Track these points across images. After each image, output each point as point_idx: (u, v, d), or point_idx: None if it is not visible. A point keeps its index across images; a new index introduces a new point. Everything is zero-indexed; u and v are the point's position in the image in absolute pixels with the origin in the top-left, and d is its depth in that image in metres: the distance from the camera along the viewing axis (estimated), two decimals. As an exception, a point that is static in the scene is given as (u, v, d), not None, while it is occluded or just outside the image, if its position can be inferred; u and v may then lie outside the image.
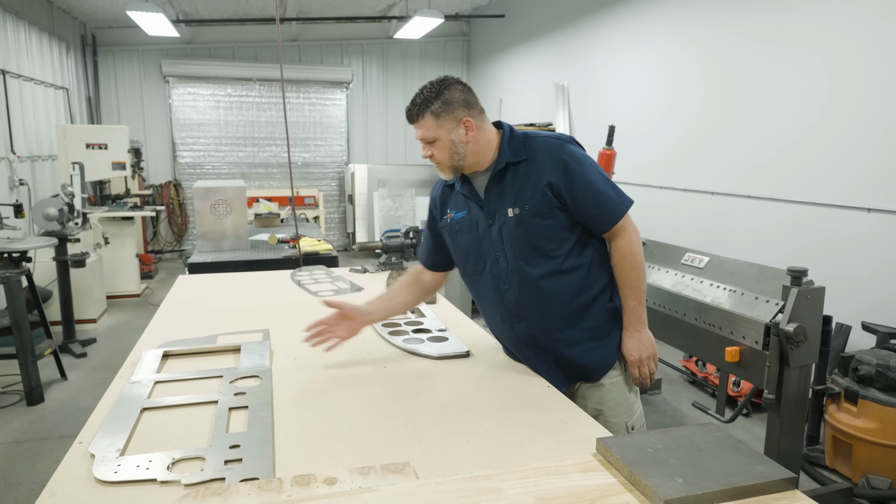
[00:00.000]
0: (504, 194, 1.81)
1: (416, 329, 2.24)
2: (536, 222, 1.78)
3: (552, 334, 1.84)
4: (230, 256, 3.93)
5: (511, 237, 1.80)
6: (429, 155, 1.81)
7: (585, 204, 1.76)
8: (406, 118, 1.83)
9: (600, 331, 1.86)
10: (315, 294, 2.86)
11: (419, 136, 1.80)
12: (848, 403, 2.99)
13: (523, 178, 1.79)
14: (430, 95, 1.75)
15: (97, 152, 6.29)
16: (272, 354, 2.01)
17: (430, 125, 1.76)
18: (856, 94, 3.50)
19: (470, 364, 1.94)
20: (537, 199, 1.76)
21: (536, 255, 1.80)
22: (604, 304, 1.85)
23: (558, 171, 1.75)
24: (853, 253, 3.51)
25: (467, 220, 1.90)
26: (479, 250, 1.89)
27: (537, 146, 1.81)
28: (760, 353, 2.57)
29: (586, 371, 1.88)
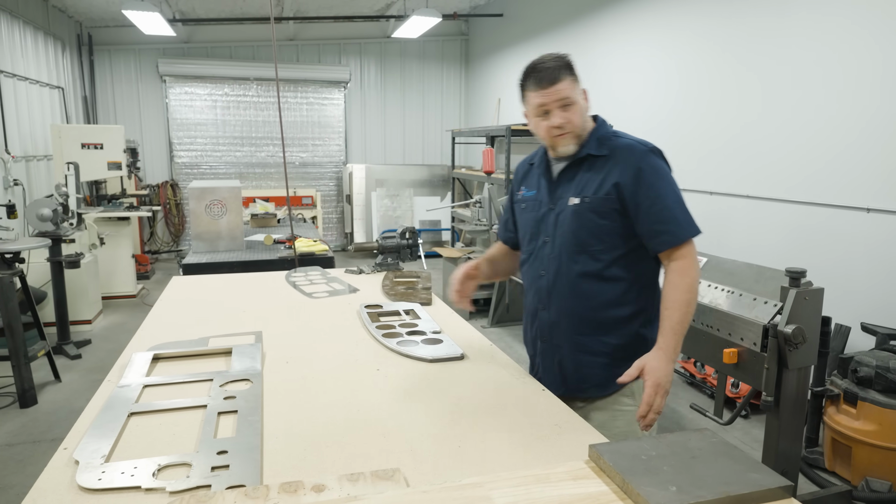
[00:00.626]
0: (573, 183, 1.80)
1: (410, 331, 2.22)
2: (592, 218, 1.75)
3: (571, 335, 1.82)
4: (225, 257, 3.90)
5: (564, 226, 1.79)
6: (560, 123, 1.72)
7: (647, 215, 1.70)
8: (535, 83, 1.72)
9: (621, 352, 1.78)
10: (309, 296, 2.83)
11: (559, 97, 1.71)
12: (847, 405, 2.96)
13: (596, 172, 1.77)
14: (565, 59, 1.72)
15: (92, 152, 6.26)
16: (264, 357, 1.98)
17: (571, 86, 1.72)
18: (856, 94, 3.48)
19: (464, 367, 1.91)
20: (600, 196, 1.74)
21: (581, 251, 1.77)
22: (635, 328, 1.79)
23: (629, 175, 1.71)
24: (852, 253, 3.49)
25: (534, 199, 1.91)
26: (535, 231, 1.88)
27: (621, 146, 1.77)
28: (759, 355, 2.54)
29: (588, 384, 1.83)
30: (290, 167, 9.59)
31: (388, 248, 3.44)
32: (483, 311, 6.02)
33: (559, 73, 1.71)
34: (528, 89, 1.76)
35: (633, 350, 1.76)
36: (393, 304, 2.61)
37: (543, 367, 1.91)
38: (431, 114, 10.11)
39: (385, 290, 2.89)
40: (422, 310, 2.52)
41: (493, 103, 8.92)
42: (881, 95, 3.34)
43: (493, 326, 5.71)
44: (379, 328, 2.25)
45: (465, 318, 5.72)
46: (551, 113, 1.74)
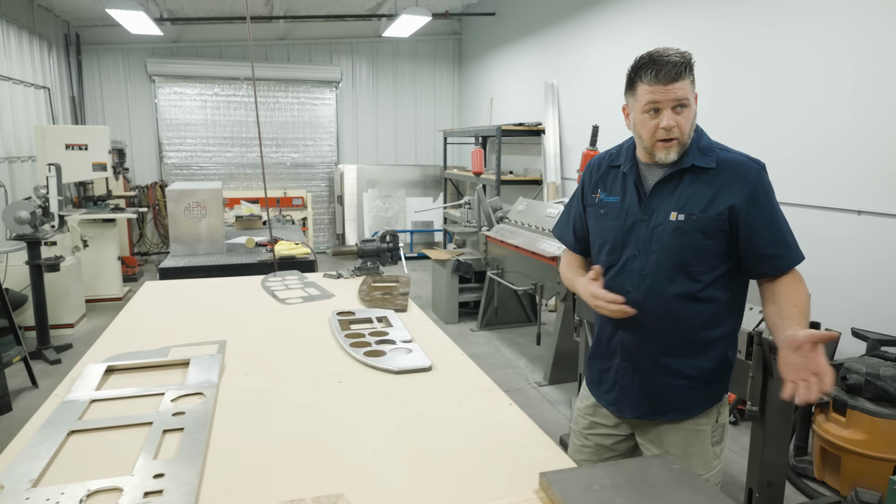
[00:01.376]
0: (674, 196, 1.65)
1: (380, 340, 2.14)
2: (697, 237, 1.61)
3: (658, 356, 1.70)
4: (204, 261, 3.82)
5: (662, 241, 1.64)
6: (672, 125, 1.57)
7: (759, 238, 1.60)
8: (653, 77, 1.55)
9: (707, 376, 1.70)
10: (283, 301, 2.75)
11: (673, 97, 1.55)
12: (836, 414, 2.89)
13: (702, 186, 1.62)
14: (685, 57, 1.56)
15: (77, 153, 6.17)
16: (224, 368, 1.90)
17: (689, 87, 1.57)
18: (847, 95, 3.40)
19: (431, 379, 1.83)
20: (711, 215, 1.60)
21: (680, 271, 1.64)
22: (723, 350, 1.70)
23: (745, 196, 1.59)
24: (843, 257, 3.41)
25: (617, 207, 1.74)
26: (620, 241, 1.72)
27: (730, 161, 1.64)
28: (744, 363, 2.46)
29: (669, 407, 1.73)
30: (281, 168, 9.51)
31: (367, 252, 3.35)
32: (472, 314, 5.94)
33: (682, 71, 1.55)
34: (643, 81, 1.58)
35: (719, 374, 1.71)
36: (366, 311, 2.53)
37: (622, 386, 1.78)
38: (424, 114, 10.03)
39: (361, 295, 2.81)
40: (396, 317, 2.44)
41: (486, 103, 8.84)
42: (874, 97, 3.26)
43: (482, 329, 5.63)
44: (348, 337, 2.17)
45: (454, 321, 5.68)
46: (662, 113, 1.58)
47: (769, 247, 1.60)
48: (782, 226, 1.63)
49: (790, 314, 1.53)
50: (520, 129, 6.87)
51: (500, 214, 5.55)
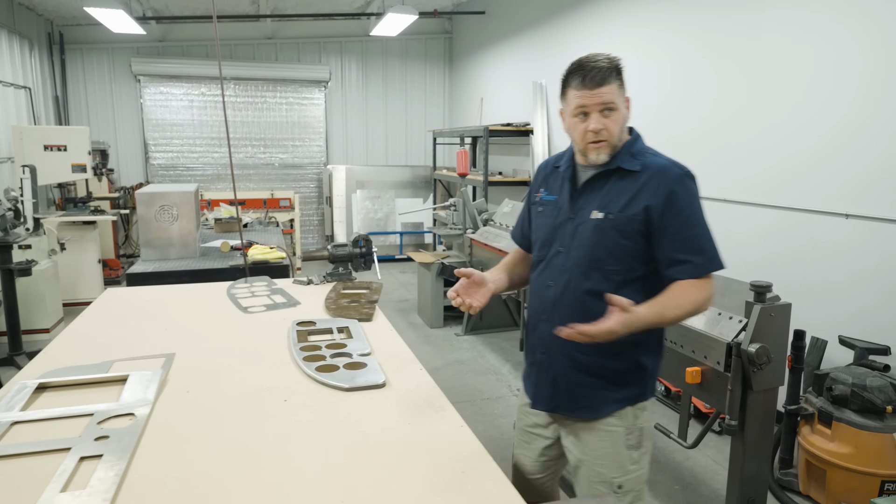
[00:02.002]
0: (598, 195, 1.70)
1: (336, 353, 2.03)
2: (613, 236, 1.65)
3: (570, 352, 1.72)
4: (175, 266, 3.70)
5: (581, 239, 1.70)
6: (599, 127, 1.63)
7: (672, 242, 1.62)
8: (580, 82, 1.63)
9: (619, 377, 1.73)
10: (245, 310, 2.64)
11: (599, 101, 1.62)
12: (822, 425, 2.78)
13: (624, 187, 1.67)
14: (616, 62, 1.64)
15: (56, 154, 6.05)
16: (164, 385, 1.79)
17: (616, 91, 1.63)
18: (835, 95, 3.29)
19: (383, 396, 1.72)
20: (626, 215, 1.64)
21: (595, 269, 1.68)
22: (635, 356, 1.72)
23: (661, 197, 1.62)
24: (830, 262, 3.31)
25: (553, 205, 1.81)
26: (550, 238, 1.78)
27: (654, 165, 1.67)
28: (722, 375, 2.36)
29: (579, 404, 1.76)
30: (269, 169, 9.39)
31: (339, 258, 3.24)
32: (458, 318, 5.83)
33: (608, 76, 1.62)
34: (571, 86, 1.66)
35: (632, 377, 1.73)
36: (329, 321, 2.42)
37: (537, 379, 1.84)
38: (415, 114, 9.92)
39: (327, 303, 2.70)
40: (358, 327, 2.33)
41: (477, 103, 8.73)
42: (863, 98, 3.15)
43: (468, 334, 5.52)
44: (303, 349, 2.06)
45: (439, 326, 5.55)
46: (590, 116, 1.64)
47: (681, 251, 1.61)
48: (699, 231, 1.63)
49: (659, 301, 1.59)
50: (508, 130, 6.76)
51: (486, 216, 5.44)
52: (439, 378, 4.50)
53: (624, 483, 1.75)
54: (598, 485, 1.76)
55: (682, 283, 1.61)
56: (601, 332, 1.49)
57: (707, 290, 1.62)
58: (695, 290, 1.61)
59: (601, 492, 1.75)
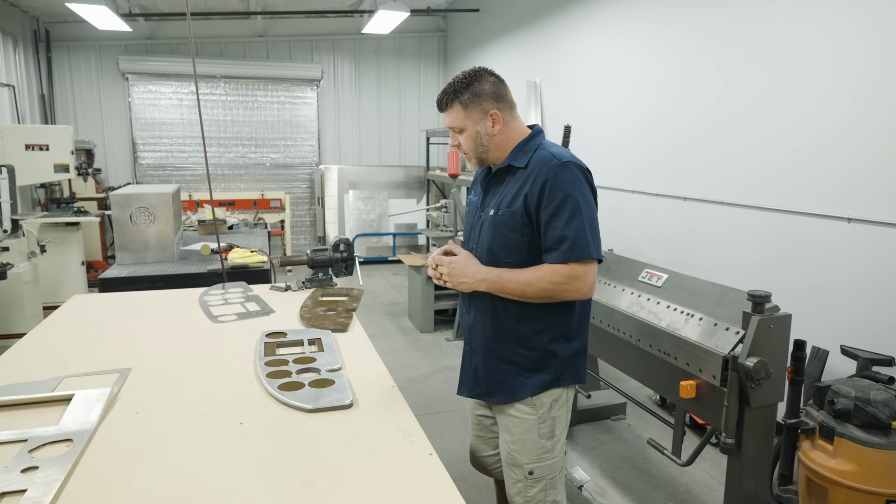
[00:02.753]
0: (497, 192, 1.85)
1: (303, 369, 1.89)
2: (503, 231, 1.79)
3: (485, 341, 1.88)
4: (150, 270, 3.56)
5: (482, 235, 1.86)
6: (455, 144, 1.86)
7: (546, 228, 1.70)
8: (436, 106, 1.87)
9: (530, 364, 1.84)
10: (215, 319, 2.50)
11: (447, 125, 1.85)
12: (823, 441, 2.63)
13: (514, 183, 1.79)
14: (460, 86, 1.78)
15: (37, 154, 5.89)
16: (113, 404, 1.65)
17: (458, 115, 1.80)
18: (838, 94, 3.15)
19: (348, 419, 1.58)
20: (511, 209, 1.76)
21: (493, 262, 1.80)
22: (543, 343, 1.82)
23: (536, 187, 1.71)
24: (832, 267, 3.17)
25: (474, 206, 1.98)
26: (468, 235, 1.97)
27: (538, 158, 1.77)
28: (718, 390, 2.22)
29: (496, 390, 1.89)
30: (260, 169, 9.24)
31: (319, 263, 3.11)
32: (449, 323, 5.69)
33: (449, 102, 1.81)
34: None
35: (542, 363, 1.83)
36: (301, 331, 2.28)
37: (462, 367, 2.02)
38: (408, 113, 9.77)
39: (302, 312, 2.55)
40: (331, 338, 2.19)
41: (471, 102, 8.58)
42: (865, 97, 3.01)
43: (458, 339, 5.38)
44: (269, 364, 1.92)
45: (430, 330, 5.40)
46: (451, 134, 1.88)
47: (550, 240, 1.70)
48: (568, 219, 1.67)
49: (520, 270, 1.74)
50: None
51: (478, 218, 5.30)
52: (428, 386, 4.37)
53: (535, 470, 1.86)
54: (512, 468, 1.90)
55: (543, 266, 1.71)
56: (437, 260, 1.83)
57: (562, 276, 1.67)
58: (549, 272, 1.68)
59: (515, 476, 1.89)
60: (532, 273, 1.71)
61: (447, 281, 1.82)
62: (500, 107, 1.80)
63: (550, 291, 1.69)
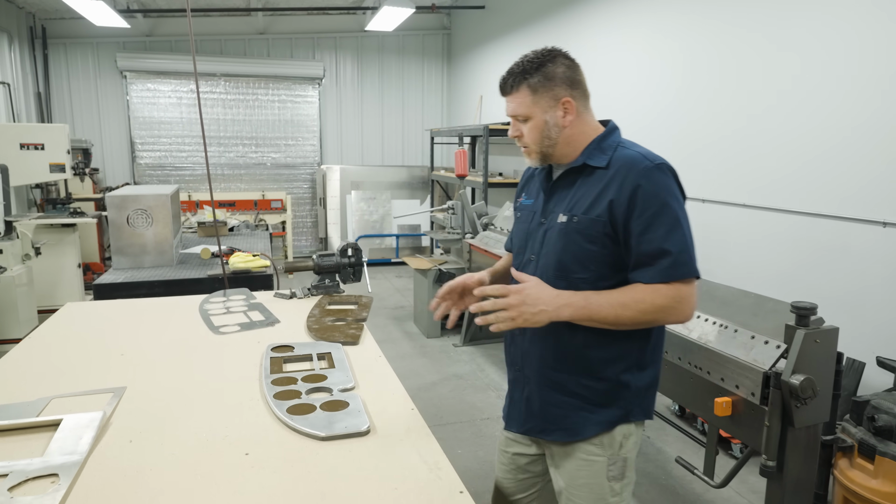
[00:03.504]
0: (567, 196, 1.58)
1: (313, 388, 1.73)
2: (579, 241, 1.52)
3: (542, 368, 1.62)
4: (148, 275, 3.40)
5: (549, 245, 1.58)
6: (516, 135, 1.59)
7: (639, 241, 1.44)
8: (499, 89, 1.60)
9: (597, 397, 1.57)
10: (216, 330, 2.34)
11: (510, 112, 1.58)
12: (862, 460, 2.48)
13: (591, 186, 1.53)
14: (530, 66, 1.53)
15: (33, 153, 5.73)
16: (105, 430, 1.49)
17: (524, 100, 1.54)
18: (870, 87, 3.00)
19: (365, 448, 1.43)
20: (591, 216, 1.50)
21: (562, 278, 1.53)
22: (616, 373, 1.56)
23: (625, 193, 1.46)
24: (866, 274, 3.01)
25: (529, 210, 1.71)
26: (523, 245, 1.69)
27: (622, 158, 1.52)
28: (758, 409, 2.07)
29: (554, 426, 1.62)
30: (261, 168, 9.08)
31: (326, 268, 2.95)
32: (456, 327, 5.54)
33: (515, 84, 1.54)
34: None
35: (612, 396, 1.57)
36: (309, 345, 2.12)
37: (511, 397, 1.75)
38: (412, 112, 9.62)
39: (309, 323, 2.40)
40: (342, 353, 2.04)
41: (476, 101, 8.43)
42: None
43: (466, 345, 5.23)
44: (275, 383, 1.77)
45: (436, 335, 5.24)
46: (512, 122, 1.60)
47: (645, 254, 1.44)
48: (668, 231, 1.43)
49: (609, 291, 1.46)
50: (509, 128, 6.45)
51: (486, 220, 5.15)
52: (436, 394, 4.21)
53: None
54: None
55: (638, 285, 1.45)
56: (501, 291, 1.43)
57: (665, 298, 1.42)
58: (650, 293, 1.42)
59: None
60: (627, 294, 1.43)
61: (516, 317, 1.41)
62: (574, 94, 1.53)
63: (651, 316, 1.43)
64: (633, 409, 1.58)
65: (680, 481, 3.13)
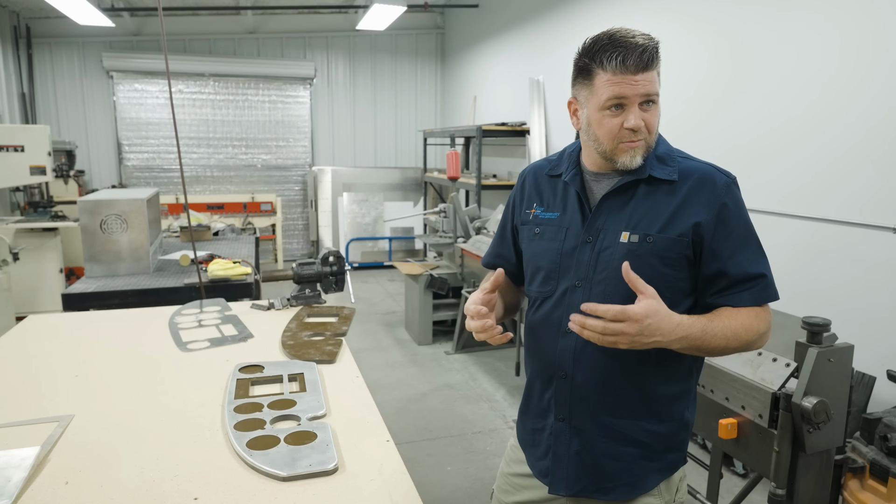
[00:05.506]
0: (624, 211, 1.34)
1: (279, 416, 1.57)
2: (654, 264, 1.29)
3: (602, 416, 1.37)
4: (121, 284, 3.23)
5: (610, 269, 1.32)
6: (640, 124, 1.26)
7: (727, 263, 1.29)
8: (620, 64, 1.22)
9: (663, 442, 1.37)
10: (184, 346, 2.18)
11: (643, 91, 1.25)
12: (874, 481, 2.33)
13: (658, 201, 1.32)
14: (654, 41, 1.25)
15: (12, 155, 5.55)
16: (40, 468, 1.33)
17: (656, 78, 1.27)
18: (882, 87, 2.85)
19: (330, 489, 1.27)
20: (671, 237, 1.29)
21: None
22: (680, 410, 1.39)
23: (712, 212, 1.29)
24: (875, 283, 2.87)
25: (555, 225, 1.43)
26: (556, 268, 1.40)
27: (694, 171, 1.33)
28: (766, 432, 1.92)
29: (614, 483, 1.38)
30: (251, 170, 8.91)
31: (306, 278, 2.79)
32: (448, 334, 5.38)
33: (652, 59, 1.24)
34: (605, 69, 1.25)
35: (675, 439, 1.38)
36: (281, 364, 1.96)
37: (555, 454, 1.43)
38: (405, 113, 9.46)
39: (284, 338, 2.24)
40: (316, 372, 1.88)
41: (470, 101, 8.28)
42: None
43: (458, 352, 5.07)
44: (238, 410, 1.61)
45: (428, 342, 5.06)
46: (627, 109, 1.26)
47: (736, 276, 1.29)
48: (756, 251, 1.32)
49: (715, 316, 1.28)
50: (503, 130, 6.31)
51: (479, 224, 5.00)
52: (426, 406, 4.05)
53: None
54: None
55: (738, 309, 1.29)
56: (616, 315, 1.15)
57: (765, 322, 1.30)
58: (753, 319, 1.28)
59: None
60: (737, 321, 1.26)
61: (622, 343, 1.19)
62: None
63: (751, 344, 1.29)
64: (685, 449, 1.43)
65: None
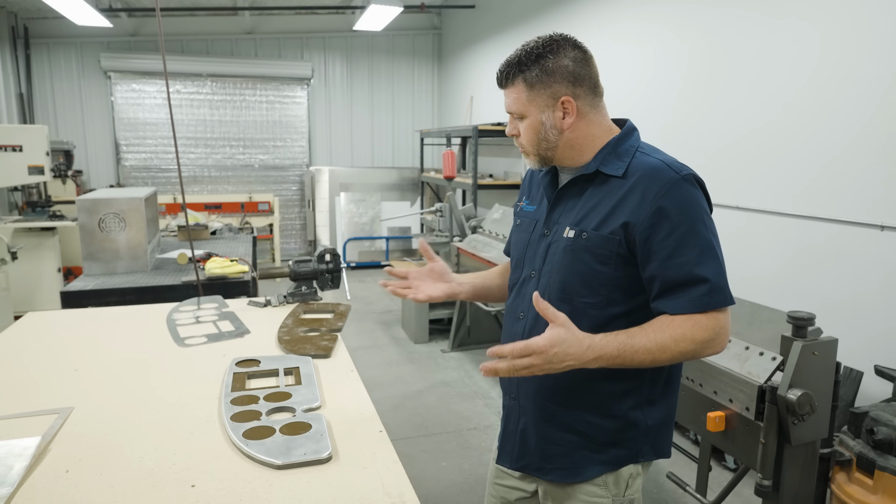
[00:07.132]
0: (575, 207, 1.39)
1: (274, 408, 1.61)
2: (588, 261, 1.33)
3: (541, 400, 1.43)
4: (119, 282, 3.27)
5: (553, 262, 1.39)
6: (513, 133, 1.43)
7: (665, 265, 1.26)
8: (496, 80, 1.41)
9: (602, 435, 1.40)
10: (182, 342, 2.22)
11: (505, 107, 1.40)
12: (861, 474, 2.37)
13: (605, 197, 1.34)
14: (527, 58, 1.33)
15: (10, 155, 5.59)
16: (41, 458, 1.36)
17: (519, 95, 1.36)
18: (868, 85, 2.90)
19: (325, 477, 1.31)
20: (603, 234, 1.31)
21: (566, 301, 1.35)
22: (624, 409, 1.39)
23: (647, 208, 1.27)
24: (863, 279, 2.91)
25: (531, 218, 1.52)
26: (521, 258, 1.51)
27: (644, 167, 1.32)
28: (752, 424, 1.96)
29: (551, 465, 1.45)
30: (249, 170, 8.95)
31: (302, 275, 2.82)
32: (444, 333, 5.42)
33: (511, 76, 1.36)
34: None
35: (619, 435, 1.40)
36: (277, 358, 2.00)
37: (505, 427, 1.56)
38: (402, 113, 9.50)
39: (280, 334, 2.27)
40: (311, 367, 1.91)
41: (466, 101, 8.32)
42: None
43: (454, 350, 5.11)
44: (235, 402, 1.64)
45: (424, 341, 5.11)
46: (510, 119, 1.43)
47: (674, 280, 1.26)
48: (700, 254, 1.26)
49: (639, 329, 1.25)
50: (499, 129, 6.35)
51: (475, 223, 5.04)
52: (422, 403, 4.09)
53: None
54: None
55: (672, 317, 1.26)
56: (521, 351, 1.16)
57: (706, 330, 1.24)
58: (690, 328, 1.24)
59: None
60: (665, 333, 1.22)
61: (535, 372, 1.21)
62: (578, 92, 1.34)
63: (691, 353, 1.25)
64: (643, 448, 1.42)
65: (672, 494, 3.02)
